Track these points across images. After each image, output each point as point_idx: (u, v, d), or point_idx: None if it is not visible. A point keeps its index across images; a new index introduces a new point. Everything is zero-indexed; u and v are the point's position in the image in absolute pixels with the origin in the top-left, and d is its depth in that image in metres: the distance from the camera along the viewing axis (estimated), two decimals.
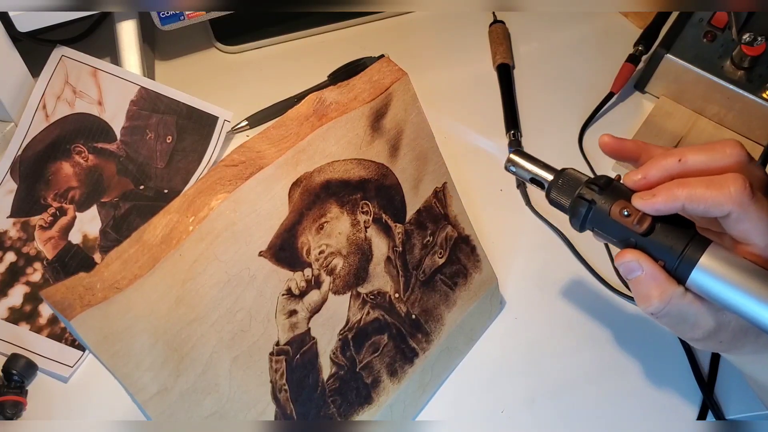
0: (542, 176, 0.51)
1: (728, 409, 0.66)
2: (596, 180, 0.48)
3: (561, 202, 0.50)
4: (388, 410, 0.61)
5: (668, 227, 0.46)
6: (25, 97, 0.78)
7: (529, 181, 0.52)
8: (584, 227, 0.49)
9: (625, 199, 0.47)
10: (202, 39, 0.91)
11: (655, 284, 0.46)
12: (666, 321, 0.47)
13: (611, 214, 0.46)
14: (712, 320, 0.47)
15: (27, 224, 0.74)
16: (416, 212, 0.59)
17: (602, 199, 0.47)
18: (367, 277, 0.57)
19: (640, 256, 0.46)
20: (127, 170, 0.77)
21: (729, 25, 0.82)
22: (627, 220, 0.46)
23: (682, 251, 0.45)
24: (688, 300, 0.46)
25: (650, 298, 0.46)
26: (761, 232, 0.44)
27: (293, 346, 0.53)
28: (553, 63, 0.91)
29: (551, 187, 0.50)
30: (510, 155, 0.53)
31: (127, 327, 0.43)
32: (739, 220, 0.43)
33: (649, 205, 0.45)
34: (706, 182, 0.44)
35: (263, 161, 0.48)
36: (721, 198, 0.43)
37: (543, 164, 0.52)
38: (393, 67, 0.55)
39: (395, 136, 0.56)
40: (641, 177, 0.47)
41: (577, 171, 0.50)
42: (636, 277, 0.46)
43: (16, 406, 0.64)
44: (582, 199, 0.48)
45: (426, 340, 0.62)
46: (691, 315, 0.46)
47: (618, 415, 0.66)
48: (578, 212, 0.48)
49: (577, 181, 0.49)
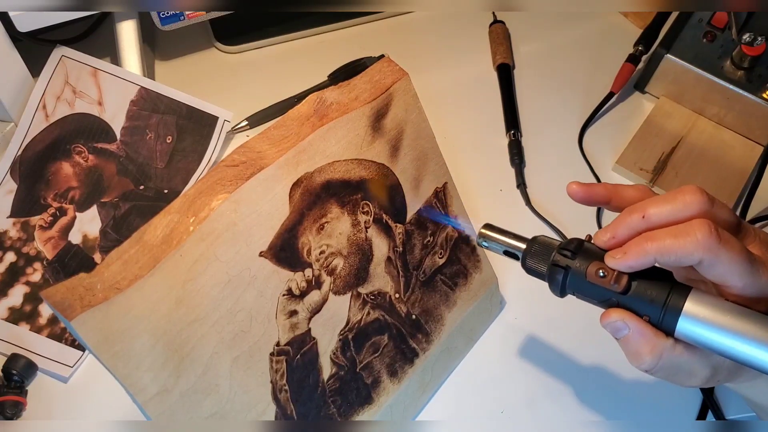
0: (515, 246, 0.51)
1: (728, 409, 0.66)
2: (567, 245, 0.48)
3: (538, 270, 0.49)
4: (388, 410, 0.61)
5: (647, 281, 0.45)
6: (25, 97, 0.78)
7: (503, 253, 0.52)
8: (564, 292, 0.48)
9: (598, 259, 0.46)
10: (202, 39, 0.91)
11: (644, 341, 0.45)
12: (662, 374, 0.47)
13: (588, 277, 0.46)
14: (706, 367, 0.46)
15: (27, 224, 0.74)
16: (417, 212, 0.59)
17: (576, 262, 0.47)
18: (368, 278, 0.57)
19: (625, 314, 0.45)
20: (127, 170, 0.76)
21: (729, 25, 0.82)
22: (604, 281, 0.45)
23: (664, 303, 0.44)
24: (678, 351, 0.45)
25: (641, 355, 0.45)
26: (736, 273, 0.43)
27: (294, 347, 0.53)
28: (553, 63, 0.91)
29: (525, 257, 0.50)
30: (480, 230, 0.53)
31: (127, 327, 0.43)
32: (712, 265, 0.43)
33: (622, 263, 0.45)
34: (674, 233, 0.43)
35: (264, 161, 0.48)
36: (690, 247, 0.42)
37: (514, 235, 0.52)
38: (394, 67, 0.55)
39: (396, 137, 0.56)
40: (610, 236, 0.46)
41: (547, 237, 0.50)
42: (624, 336, 0.46)
43: (16, 406, 0.64)
44: (557, 266, 0.47)
45: (426, 341, 0.62)
46: (684, 365, 0.46)
47: (618, 415, 0.66)
48: (556, 279, 0.48)
49: (550, 247, 0.49)
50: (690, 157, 0.81)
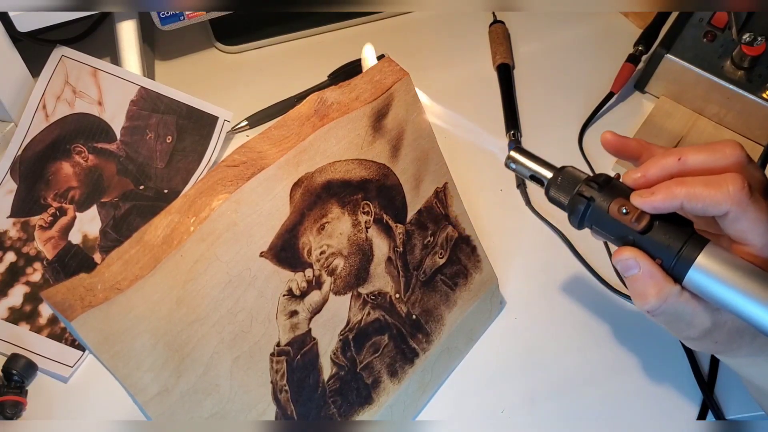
0: (542, 174, 0.51)
1: (728, 409, 0.66)
2: (595, 178, 0.48)
3: (560, 200, 0.50)
4: (388, 410, 0.61)
5: (666, 226, 0.46)
6: (25, 97, 0.78)
7: (529, 178, 0.52)
8: (582, 224, 0.49)
9: (624, 197, 0.47)
10: (202, 39, 0.91)
11: (652, 282, 0.46)
12: (662, 319, 0.48)
13: (610, 212, 0.46)
14: (707, 319, 0.47)
15: (27, 224, 0.74)
16: (417, 212, 0.59)
17: (601, 196, 0.47)
18: (368, 278, 0.57)
19: (638, 253, 0.46)
20: (127, 170, 0.76)
21: (729, 25, 0.82)
22: (625, 218, 0.46)
23: (679, 250, 0.45)
24: (684, 299, 0.46)
25: (647, 296, 0.46)
26: (759, 232, 0.44)
27: (294, 347, 0.53)
28: (553, 63, 0.91)
29: (550, 185, 0.50)
30: (510, 152, 0.53)
31: (127, 328, 0.43)
32: (736, 220, 0.44)
33: (647, 202, 0.45)
34: (705, 181, 0.44)
35: (264, 162, 0.48)
36: (720, 197, 0.43)
37: (543, 162, 0.52)
38: (394, 67, 0.55)
39: (396, 137, 0.56)
40: (641, 175, 0.47)
41: (576, 169, 0.50)
42: (633, 275, 0.46)
43: (16, 406, 0.64)
44: (581, 197, 0.48)
45: (426, 341, 0.62)
46: (687, 314, 0.46)
47: (618, 415, 0.66)
48: (577, 209, 0.48)
49: (577, 179, 0.49)
50: None
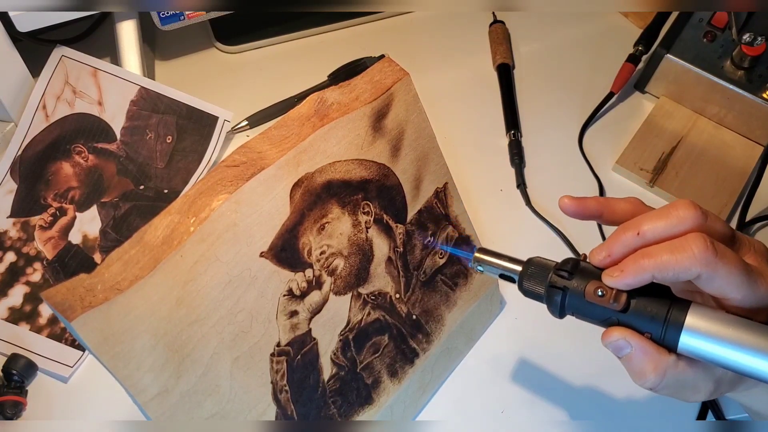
0: (511, 269, 0.50)
1: (728, 409, 0.66)
2: (563, 265, 0.47)
3: (536, 292, 0.49)
4: (388, 410, 0.61)
5: (646, 298, 0.45)
6: (25, 97, 0.78)
7: (499, 277, 0.51)
8: (564, 313, 0.48)
9: (595, 278, 0.46)
10: (202, 39, 0.91)
11: (647, 358, 0.45)
12: (666, 392, 0.46)
13: (586, 297, 0.46)
14: (710, 380, 0.46)
15: (27, 224, 0.74)
16: (417, 212, 0.59)
17: (574, 283, 0.46)
18: (368, 278, 0.57)
19: (626, 332, 0.45)
20: (127, 170, 0.76)
21: (729, 25, 0.82)
22: (603, 300, 0.45)
23: (665, 318, 0.44)
24: (681, 367, 0.45)
25: (645, 374, 0.45)
26: (734, 285, 0.43)
27: (294, 347, 0.53)
28: (553, 63, 0.91)
29: (522, 279, 0.49)
30: (474, 254, 0.52)
31: (128, 328, 0.43)
32: (710, 279, 0.43)
33: (619, 281, 0.44)
34: (669, 248, 0.43)
35: (264, 162, 0.48)
36: (687, 262, 0.42)
37: (509, 258, 0.51)
38: (394, 67, 0.55)
39: (396, 137, 0.56)
40: (606, 255, 0.46)
41: (543, 259, 0.50)
42: (626, 355, 0.45)
43: (16, 406, 0.64)
44: (554, 288, 0.47)
45: (426, 341, 0.62)
46: (688, 381, 0.46)
47: (618, 415, 0.66)
48: (554, 301, 0.47)
49: (546, 268, 0.48)
50: (690, 157, 0.82)
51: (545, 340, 0.70)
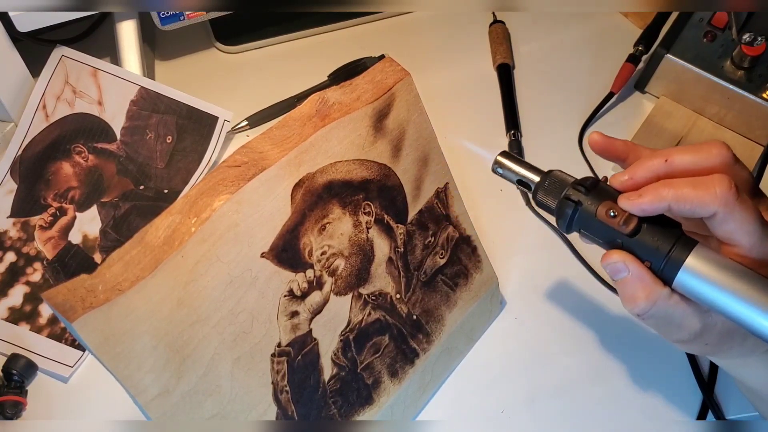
0: (529, 178, 0.50)
1: (728, 409, 0.66)
2: (583, 181, 0.48)
3: (548, 204, 0.49)
4: (388, 410, 0.61)
5: (654, 228, 0.45)
6: (25, 97, 0.78)
7: (516, 182, 0.51)
8: (571, 228, 0.48)
9: (611, 200, 0.46)
10: (202, 39, 0.91)
11: (641, 285, 0.45)
12: (652, 322, 0.47)
13: (597, 215, 0.46)
14: (697, 322, 0.46)
15: (27, 224, 0.74)
16: (418, 213, 0.59)
17: (588, 200, 0.47)
18: (369, 278, 0.57)
19: (627, 257, 0.46)
20: (127, 170, 0.76)
21: (729, 25, 0.82)
22: (613, 221, 0.45)
23: (668, 252, 0.45)
24: (674, 301, 0.46)
25: (636, 299, 0.46)
26: (746, 233, 0.44)
27: (295, 348, 0.53)
28: (553, 63, 0.91)
29: (537, 189, 0.50)
30: (497, 157, 0.52)
31: (128, 329, 0.43)
32: (724, 221, 0.43)
33: (635, 205, 0.45)
34: (692, 183, 0.44)
35: (266, 162, 0.48)
36: (707, 198, 0.43)
37: (530, 166, 0.51)
38: (396, 67, 0.55)
39: (398, 137, 0.55)
40: (628, 178, 0.46)
41: (563, 173, 0.50)
42: (622, 278, 0.46)
43: (16, 406, 0.64)
44: (568, 200, 0.47)
45: (427, 341, 0.62)
46: (677, 316, 0.46)
47: (618, 415, 0.66)
48: (564, 213, 0.47)
49: (564, 183, 0.48)
50: None
51: (545, 340, 0.70)
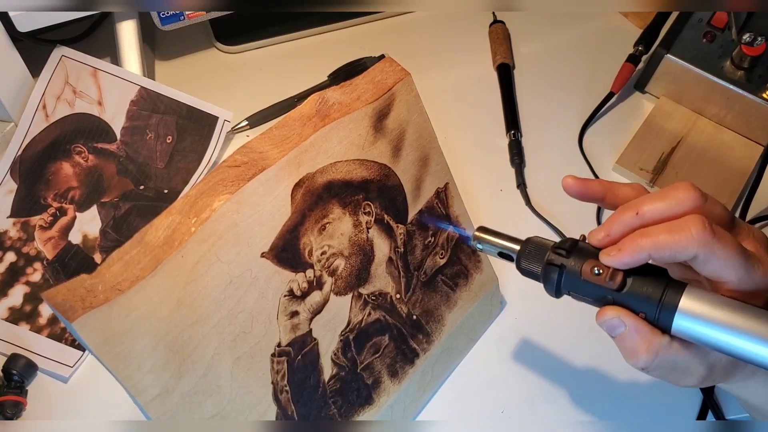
0: (509, 248, 0.51)
1: (728, 409, 0.66)
2: (562, 244, 0.48)
3: (532, 270, 0.49)
4: (388, 411, 0.61)
5: (642, 278, 0.45)
6: (25, 97, 0.78)
7: (497, 255, 0.52)
8: (560, 292, 0.48)
9: (593, 257, 0.46)
10: (202, 39, 0.91)
11: (640, 338, 0.45)
12: (658, 373, 0.47)
13: (583, 275, 0.46)
14: (703, 364, 0.46)
15: (27, 224, 0.74)
16: (418, 213, 0.59)
17: (571, 261, 0.47)
18: (369, 278, 0.57)
19: (621, 311, 0.45)
20: (127, 170, 0.76)
21: (729, 25, 0.82)
22: (599, 279, 0.45)
23: (660, 299, 0.44)
24: (675, 349, 0.45)
25: (638, 353, 0.45)
26: (731, 268, 0.43)
27: (295, 348, 0.53)
28: (553, 63, 0.91)
29: (520, 258, 0.50)
30: (474, 233, 0.52)
31: (128, 329, 0.43)
32: (707, 260, 0.43)
33: (617, 260, 0.45)
34: (668, 228, 0.43)
35: (266, 162, 0.48)
36: (685, 242, 0.43)
37: (508, 237, 0.51)
38: (396, 67, 0.55)
39: (398, 137, 0.55)
40: (604, 235, 0.46)
41: (541, 238, 0.50)
42: (620, 334, 0.45)
43: (16, 406, 0.64)
44: (552, 265, 0.47)
45: (427, 341, 0.62)
46: (681, 363, 0.46)
47: (618, 415, 0.66)
48: (550, 279, 0.48)
49: (544, 247, 0.49)
50: (690, 157, 0.82)
51: (545, 341, 0.70)
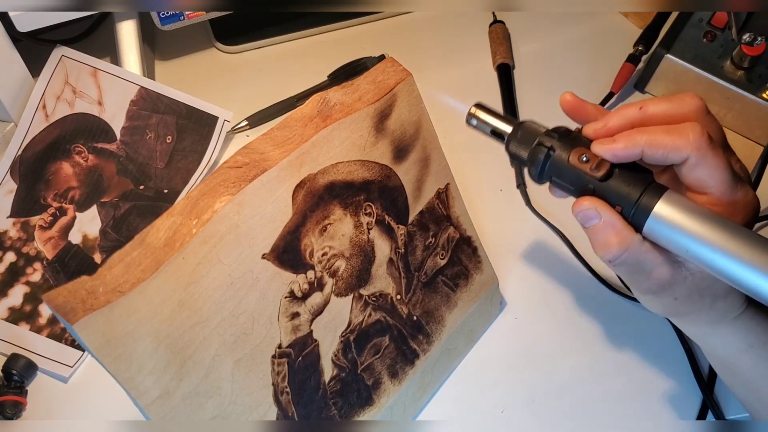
0: (502, 129, 0.50)
1: (728, 409, 0.66)
2: (556, 129, 0.48)
3: (520, 154, 0.49)
4: (388, 411, 0.61)
5: (626, 174, 0.45)
6: (25, 97, 0.78)
7: (490, 134, 0.51)
8: (542, 176, 0.48)
9: (584, 146, 0.47)
10: (202, 39, 0.91)
11: (614, 231, 0.45)
12: (622, 269, 0.47)
13: (570, 161, 0.46)
14: (667, 271, 0.46)
15: (27, 224, 0.74)
16: (419, 213, 0.59)
17: (561, 146, 0.47)
18: (370, 279, 0.57)
19: (598, 203, 0.46)
20: (127, 170, 0.76)
21: (729, 25, 0.82)
22: (585, 166, 0.46)
23: (638, 198, 0.45)
24: (645, 248, 0.46)
25: (609, 246, 0.46)
26: (717, 180, 0.44)
27: (295, 349, 0.53)
28: (553, 63, 0.91)
29: (510, 139, 0.49)
30: (471, 108, 0.52)
31: (129, 331, 0.43)
32: (696, 166, 0.44)
33: (608, 150, 0.45)
34: (666, 129, 0.44)
35: (267, 163, 0.48)
36: (680, 143, 0.44)
37: (504, 117, 0.51)
38: (398, 67, 0.55)
39: (399, 137, 0.55)
40: (602, 126, 0.47)
41: (537, 123, 0.50)
42: (594, 225, 0.46)
43: (16, 406, 0.64)
44: (541, 146, 0.47)
45: (427, 342, 0.62)
46: (647, 264, 0.46)
47: (618, 415, 0.66)
48: (537, 159, 0.48)
49: (536, 132, 0.49)
50: None
51: (545, 340, 0.70)
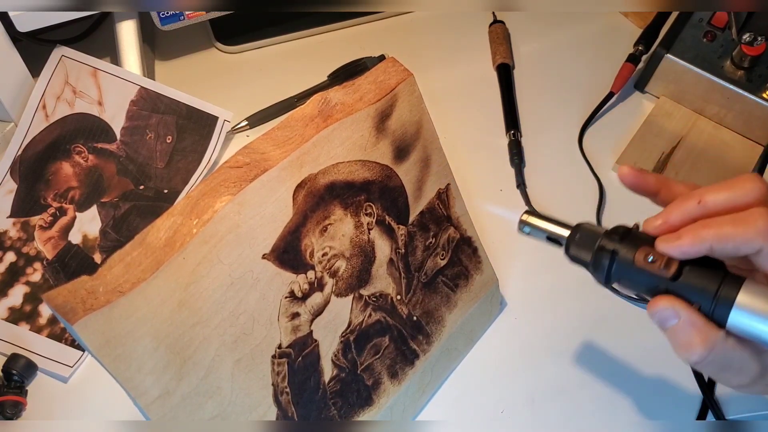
0: (558, 234, 0.49)
1: (728, 409, 0.66)
2: (615, 230, 0.46)
3: (582, 257, 0.48)
4: (388, 411, 0.61)
5: (697, 269, 0.43)
6: (25, 97, 0.78)
7: (546, 240, 0.50)
8: (609, 280, 0.46)
9: (647, 245, 0.44)
10: (202, 39, 0.91)
11: (696, 331, 0.42)
12: (710, 369, 0.44)
13: (636, 262, 0.44)
14: (757, 364, 0.44)
15: (27, 224, 0.74)
16: (419, 214, 0.59)
17: (624, 247, 0.45)
18: (370, 279, 0.57)
19: (675, 302, 0.43)
20: (127, 170, 0.76)
21: (729, 25, 0.82)
22: (653, 266, 0.43)
23: (716, 291, 0.42)
24: (731, 344, 0.43)
25: (692, 347, 0.42)
26: None
27: (295, 349, 0.53)
28: (553, 63, 0.91)
29: (570, 243, 0.48)
30: (522, 217, 0.51)
31: (129, 331, 0.43)
32: None
33: (675, 247, 0.42)
34: (732, 220, 0.42)
35: (268, 163, 0.48)
36: (751, 234, 0.41)
37: (557, 221, 0.50)
38: (399, 67, 0.54)
39: (400, 138, 0.55)
40: (662, 222, 0.44)
41: (592, 224, 0.48)
42: (673, 326, 0.43)
43: (16, 406, 0.63)
44: (603, 251, 0.46)
45: (427, 342, 0.62)
46: (735, 360, 0.43)
47: (618, 415, 0.66)
48: (601, 265, 0.46)
49: (595, 234, 0.47)
50: (690, 157, 0.82)
51: (545, 341, 0.70)
